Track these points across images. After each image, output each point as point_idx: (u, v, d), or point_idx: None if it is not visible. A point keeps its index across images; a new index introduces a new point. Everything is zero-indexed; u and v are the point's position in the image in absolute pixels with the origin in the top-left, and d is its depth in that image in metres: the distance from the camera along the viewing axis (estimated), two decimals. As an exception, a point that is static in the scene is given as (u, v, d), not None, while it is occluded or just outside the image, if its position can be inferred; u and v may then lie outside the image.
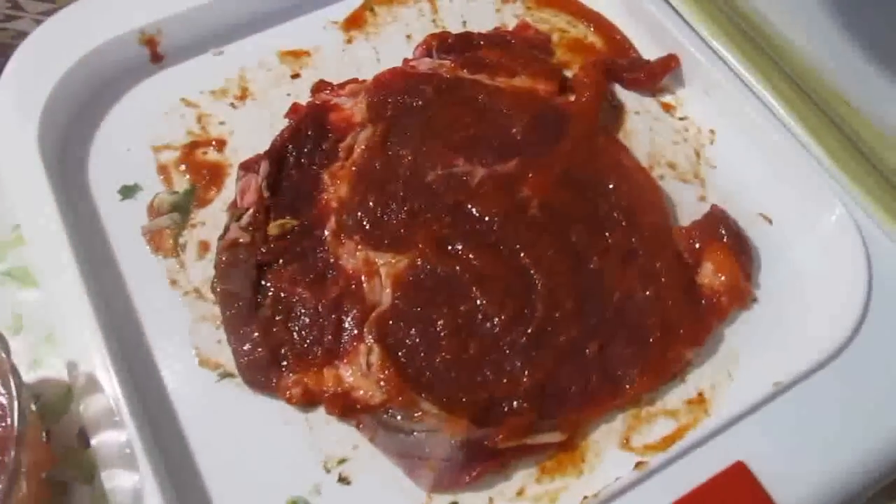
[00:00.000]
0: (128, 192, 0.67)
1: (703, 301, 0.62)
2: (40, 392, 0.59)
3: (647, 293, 0.62)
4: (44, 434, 0.56)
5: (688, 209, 0.68)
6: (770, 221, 0.67)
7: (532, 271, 0.61)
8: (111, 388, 0.55)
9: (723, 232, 0.64)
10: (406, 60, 0.74)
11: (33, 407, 0.57)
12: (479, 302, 0.60)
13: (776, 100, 0.68)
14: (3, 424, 0.48)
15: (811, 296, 0.63)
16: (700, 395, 0.60)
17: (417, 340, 0.59)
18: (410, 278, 0.61)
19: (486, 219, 0.63)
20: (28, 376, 0.60)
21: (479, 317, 0.60)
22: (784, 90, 0.69)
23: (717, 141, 0.71)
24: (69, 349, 0.58)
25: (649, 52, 0.75)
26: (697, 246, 0.64)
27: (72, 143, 0.69)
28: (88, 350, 0.57)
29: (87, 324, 0.57)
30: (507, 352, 0.59)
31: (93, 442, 0.55)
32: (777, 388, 0.56)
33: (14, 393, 0.49)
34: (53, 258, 0.60)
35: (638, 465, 0.54)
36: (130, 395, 0.56)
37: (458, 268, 0.61)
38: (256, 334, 0.59)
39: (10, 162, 0.65)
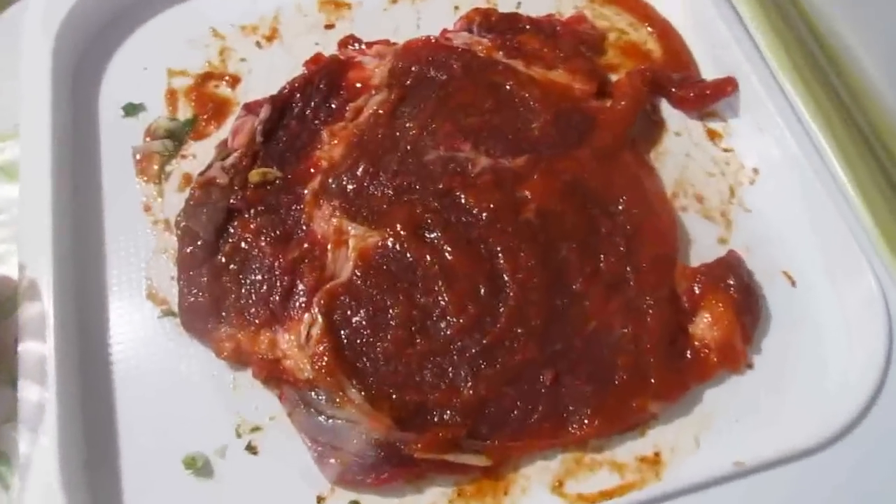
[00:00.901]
0: (132, 109, 0.66)
1: (689, 354, 0.55)
2: (-10, 288, 0.59)
3: (626, 330, 0.55)
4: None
5: (703, 250, 0.60)
6: (793, 283, 0.59)
7: (506, 279, 0.56)
8: (47, 298, 0.54)
9: (731, 282, 0.57)
10: (444, 31, 0.69)
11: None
12: (440, 298, 0.55)
13: (835, 153, 0.60)
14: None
15: (813, 379, 0.55)
16: (657, 455, 0.53)
17: (364, 323, 0.55)
18: (377, 257, 0.57)
19: (475, 212, 0.58)
20: (-13, 270, 0.60)
21: (437, 314, 0.55)
22: (847, 144, 0.60)
23: (759, 183, 0.63)
24: (25, 251, 0.57)
25: (709, 71, 0.67)
26: (698, 291, 0.57)
27: (92, 53, 0.69)
28: (38, 255, 0.56)
29: (43, 228, 0.57)
30: (455, 358, 0.54)
31: (19, 348, 0.54)
32: (737, 468, 0.49)
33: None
34: (33, 156, 0.60)
35: (554, 513, 0.49)
36: (65, 309, 0.55)
37: (429, 257, 0.57)
38: (205, 279, 0.57)
39: (27, 59, 0.65)
